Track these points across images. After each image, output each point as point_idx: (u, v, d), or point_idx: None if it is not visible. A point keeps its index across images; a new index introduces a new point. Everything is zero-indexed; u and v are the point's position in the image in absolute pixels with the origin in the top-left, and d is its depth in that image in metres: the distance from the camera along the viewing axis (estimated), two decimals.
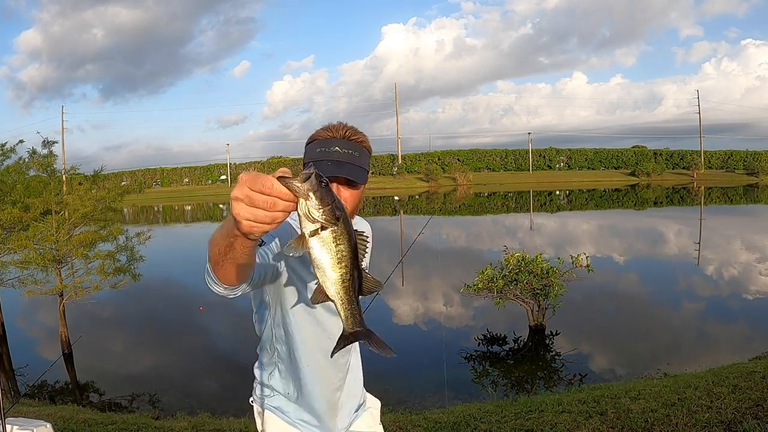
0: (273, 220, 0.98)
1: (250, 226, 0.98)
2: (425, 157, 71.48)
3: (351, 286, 1.13)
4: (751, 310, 9.85)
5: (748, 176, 63.94)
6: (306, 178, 0.99)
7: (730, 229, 21.67)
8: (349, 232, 1.08)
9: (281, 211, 0.97)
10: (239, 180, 0.97)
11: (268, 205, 0.95)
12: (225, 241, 1.10)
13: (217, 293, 1.32)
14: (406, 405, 5.85)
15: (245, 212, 0.96)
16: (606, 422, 4.09)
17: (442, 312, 10.55)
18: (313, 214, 1.01)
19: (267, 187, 0.94)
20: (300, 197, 0.99)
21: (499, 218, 29.72)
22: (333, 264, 1.08)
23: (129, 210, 40.29)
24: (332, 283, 1.12)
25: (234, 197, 0.97)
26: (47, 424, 2.78)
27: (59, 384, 7.66)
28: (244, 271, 1.22)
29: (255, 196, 0.95)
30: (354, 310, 1.18)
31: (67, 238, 8.55)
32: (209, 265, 1.21)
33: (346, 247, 1.07)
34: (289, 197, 0.97)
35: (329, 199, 1.02)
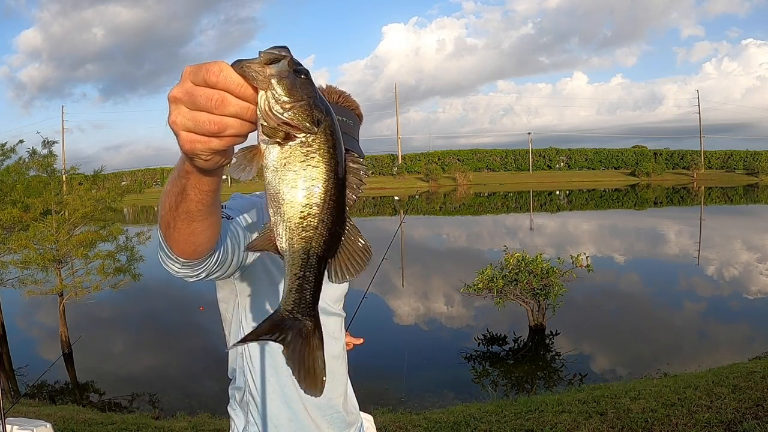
0: (221, 131, 0.65)
1: (190, 141, 0.66)
2: (425, 157, 71.48)
3: (318, 239, 0.72)
4: (751, 310, 9.85)
5: (748, 176, 63.90)
6: (271, 61, 0.64)
7: (730, 229, 21.67)
8: (333, 148, 0.70)
9: (233, 115, 0.65)
10: (182, 74, 0.66)
11: (213, 102, 0.63)
12: (176, 185, 0.80)
13: (175, 273, 1.01)
14: (406, 405, 5.85)
15: (183, 117, 0.65)
16: (606, 422, 4.09)
17: (442, 312, 10.55)
18: (275, 112, 0.65)
19: (213, 73, 0.63)
20: (259, 88, 0.65)
21: (499, 218, 29.72)
22: (296, 197, 0.69)
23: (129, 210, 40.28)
24: (287, 228, 0.71)
25: (171, 98, 0.66)
26: (47, 424, 2.78)
27: (59, 384, 7.66)
28: (205, 236, 0.91)
29: (197, 91, 0.64)
30: (306, 282, 0.74)
31: (67, 238, 8.55)
32: (160, 233, 0.92)
33: (323, 170, 0.69)
34: (243, 90, 0.64)
35: (306, 93, 0.66)
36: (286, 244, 0.72)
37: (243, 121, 0.66)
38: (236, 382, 1.43)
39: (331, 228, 0.72)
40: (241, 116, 0.65)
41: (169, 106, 0.67)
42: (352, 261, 0.76)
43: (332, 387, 1.47)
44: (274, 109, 0.65)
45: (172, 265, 0.98)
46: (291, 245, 0.72)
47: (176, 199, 0.81)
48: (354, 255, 0.76)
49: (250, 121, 0.66)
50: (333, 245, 0.74)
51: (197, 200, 0.81)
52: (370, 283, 3.02)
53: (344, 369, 1.56)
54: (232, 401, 1.47)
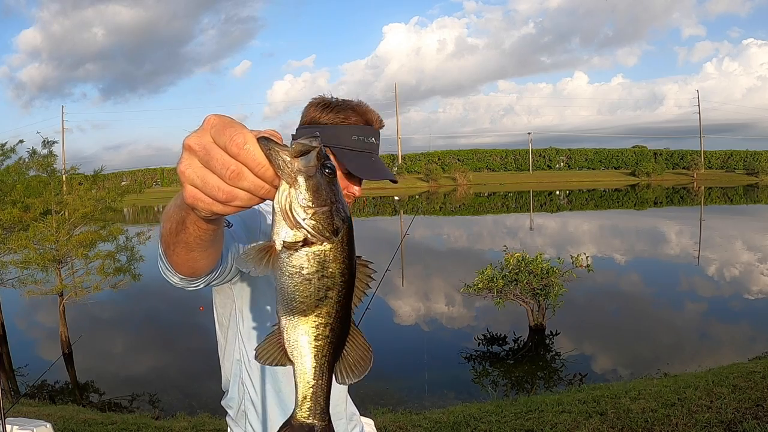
0: (228, 200, 0.63)
1: (193, 195, 0.64)
2: (425, 157, 71.51)
3: (327, 348, 0.72)
4: (751, 310, 9.85)
5: (748, 176, 63.94)
6: (301, 152, 0.62)
7: (730, 229, 21.67)
8: (347, 259, 0.68)
9: (245, 189, 0.62)
10: (203, 123, 0.63)
11: (228, 173, 0.60)
12: (177, 215, 0.78)
13: (173, 284, 1.01)
14: (406, 405, 5.85)
15: (193, 172, 0.62)
16: (606, 422, 4.09)
17: (442, 312, 10.55)
18: (296, 214, 0.63)
19: (236, 144, 0.60)
20: (283, 179, 0.62)
21: (499, 218, 29.72)
22: (309, 305, 0.68)
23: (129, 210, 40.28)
24: (299, 336, 0.71)
25: (186, 146, 0.63)
26: (47, 424, 2.78)
27: (59, 384, 7.66)
28: (204, 263, 0.90)
29: (214, 153, 0.61)
30: (320, 389, 0.74)
31: (67, 238, 8.55)
32: (161, 248, 0.89)
33: (338, 280, 0.68)
34: (263, 172, 0.61)
35: (330, 197, 0.64)
36: (297, 353, 0.72)
37: (253, 196, 0.63)
38: (230, 393, 1.40)
39: (341, 335, 0.73)
40: (253, 193, 0.63)
41: (183, 152, 0.64)
42: (357, 366, 0.77)
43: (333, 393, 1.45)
44: (295, 211, 0.63)
45: (171, 278, 0.97)
46: (303, 355, 0.71)
47: (176, 227, 0.79)
48: (359, 360, 0.76)
49: (261, 198, 0.64)
50: (341, 351, 0.75)
51: (196, 236, 0.79)
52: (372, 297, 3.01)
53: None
54: (228, 414, 1.45)
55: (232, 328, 1.35)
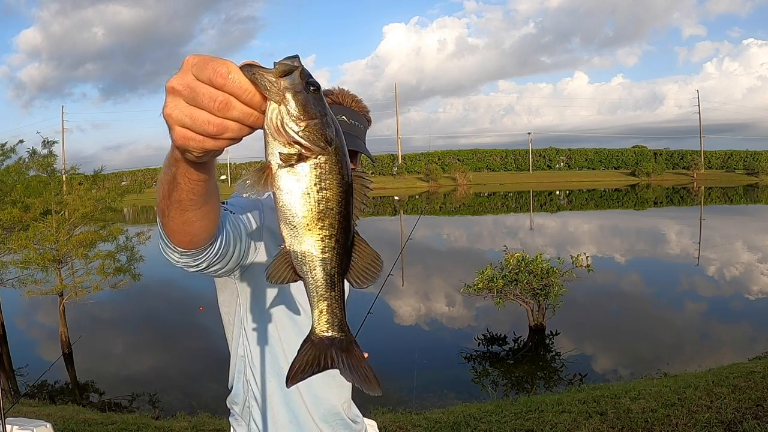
0: (219, 133, 0.62)
1: (184, 137, 0.63)
2: (425, 157, 71.51)
3: (335, 259, 0.73)
4: (751, 310, 9.85)
5: (748, 176, 63.94)
6: (285, 72, 0.63)
7: (730, 229, 21.67)
8: (343, 169, 0.70)
9: (236, 120, 0.62)
10: (182, 65, 0.63)
11: (216, 104, 0.61)
12: (167, 174, 0.78)
13: (174, 263, 0.98)
14: (406, 405, 5.85)
15: (180, 113, 0.62)
16: (606, 422, 4.09)
17: (442, 312, 10.55)
18: (288, 130, 0.64)
19: (220, 75, 0.60)
20: (270, 100, 0.63)
21: (499, 218, 29.72)
22: (311, 219, 0.69)
23: (129, 210, 40.28)
24: (306, 252, 0.72)
25: (169, 88, 0.63)
26: (47, 424, 2.78)
27: (59, 384, 7.66)
28: (200, 226, 0.89)
29: (200, 89, 0.61)
30: (334, 300, 0.76)
31: (67, 238, 8.55)
32: (158, 221, 0.90)
33: (335, 192, 0.69)
34: (251, 98, 0.62)
35: (319, 110, 0.66)
36: (307, 268, 0.73)
37: (243, 126, 0.64)
38: (235, 389, 1.41)
39: (346, 246, 0.74)
40: (243, 122, 0.63)
41: (166, 96, 0.63)
42: (366, 273, 0.79)
43: (337, 393, 1.45)
44: (287, 126, 0.64)
45: (171, 255, 0.96)
46: (312, 269, 0.73)
47: (168, 187, 0.79)
48: (368, 266, 0.78)
49: (251, 127, 0.64)
50: (348, 260, 0.76)
51: (188, 189, 0.78)
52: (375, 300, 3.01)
53: None
54: (232, 413, 1.45)
55: (236, 324, 1.36)
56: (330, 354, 0.80)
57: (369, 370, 0.82)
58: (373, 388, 0.83)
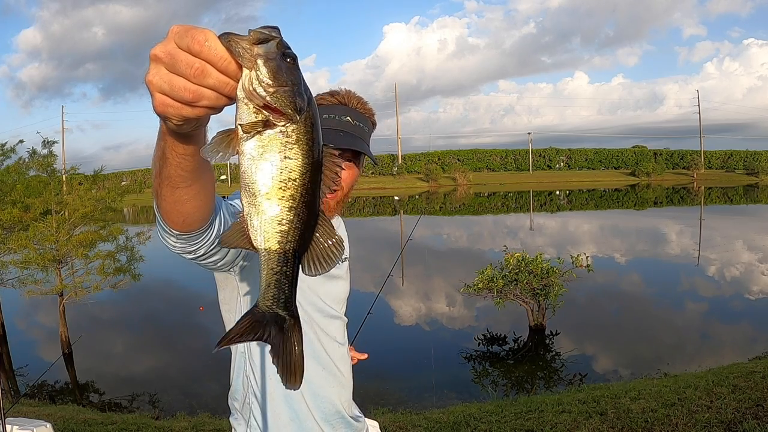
0: (195, 100, 0.63)
1: (163, 103, 0.65)
2: (425, 157, 71.50)
3: (291, 233, 0.70)
4: (751, 310, 9.85)
5: (748, 176, 63.93)
6: (260, 40, 0.63)
7: (730, 229, 21.67)
8: (312, 142, 0.68)
9: (211, 87, 0.63)
10: (168, 32, 0.64)
11: (192, 71, 0.62)
12: (157, 152, 0.79)
13: (171, 248, 0.99)
14: (406, 405, 5.85)
15: (160, 79, 0.63)
16: (606, 422, 4.09)
17: (442, 312, 10.55)
18: (258, 93, 0.63)
19: (197, 41, 0.61)
20: (244, 66, 0.63)
21: (500, 218, 29.72)
22: (271, 187, 0.67)
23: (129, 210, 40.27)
24: (262, 221, 0.70)
25: (152, 56, 0.64)
26: (47, 424, 2.78)
27: (59, 384, 7.66)
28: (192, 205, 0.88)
29: (179, 55, 0.62)
30: (284, 276, 0.73)
31: (67, 238, 8.55)
32: (155, 204, 0.90)
33: (301, 163, 0.67)
34: (226, 65, 0.62)
35: (291, 78, 0.65)
36: (261, 238, 0.71)
37: (220, 95, 0.64)
38: (235, 385, 1.41)
39: (307, 221, 0.71)
40: (218, 90, 0.64)
41: (149, 63, 0.64)
42: (325, 256, 0.75)
43: (338, 393, 1.44)
44: (257, 90, 0.63)
45: (168, 239, 0.96)
46: (267, 239, 0.70)
47: (159, 163, 0.80)
48: (327, 250, 0.75)
49: (228, 96, 0.65)
50: (308, 239, 0.73)
51: (176, 164, 0.78)
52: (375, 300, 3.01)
53: (350, 375, 1.52)
54: (232, 411, 1.45)
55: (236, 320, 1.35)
56: (267, 329, 0.75)
57: (298, 359, 0.77)
58: (290, 379, 0.77)
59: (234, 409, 1.45)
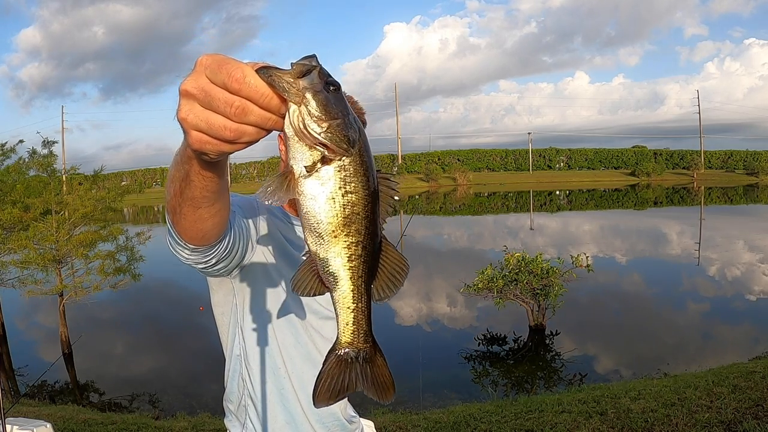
0: (236, 138, 0.61)
1: (200, 141, 0.62)
2: (425, 157, 71.50)
3: (362, 267, 0.69)
4: (751, 310, 9.85)
5: (748, 176, 63.92)
6: (303, 73, 0.61)
7: (730, 229, 21.67)
8: (368, 171, 0.66)
9: (253, 124, 0.61)
10: (195, 66, 0.61)
11: (232, 110, 0.59)
12: (180, 172, 0.76)
13: (183, 260, 0.98)
14: (406, 405, 5.85)
15: (195, 117, 0.61)
16: (606, 422, 4.09)
17: (443, 312, 10.55)
18: (311, 131, 0.61)
19: (235, 79, 0.58)
20: (291, 101, 0.60)
21: (500, 218, 29.72)
22: (337, 225, 0.66)
23: (129, 210, 40.27)
24: (332, 260, 0.68)
25: (183, 92, 0.61)
26: (47, 424, 2.78)
27: (59, 384, 7.66)
28: (212, 223, 0.87)
29: (215, 93, 0.59)
30: (360, 312, 0.73)
31: (67, 238, 8.55)
32: (168, 218, 0.89)
33: (362, 195, 0.66)
34: (268, 101, 0.60)
35: (340, 110, 0.63)
36: (333, 277, 0.70)
37: (261, 130, 0.62)
38: (230, 388, 1.41)
39: (374, 252, 0.70)
40: (260, 126, 0.61)
41: (180, 99, 0.62)
42: (393, 279, 0.74)
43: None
44: (309, 128, 0.61)
45: (182, 252, 0.95)
46: (338, 278, 0.69)
47: (180, 185, 0.78)
48: (394, 273, 0.74)
49: (269, 130, 0.63)
50: (376, 267, 0.72)
51: (202, 186, 0.77)
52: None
53: None
54: (227, 413, 1.45)
55: (232, 324, 1.35)
56: (354, 368, 0.78)
57: (388, 380, 0.80)
58: (386, 398, 0.80)
59: (229, 411, 1.44)
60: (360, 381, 0.79)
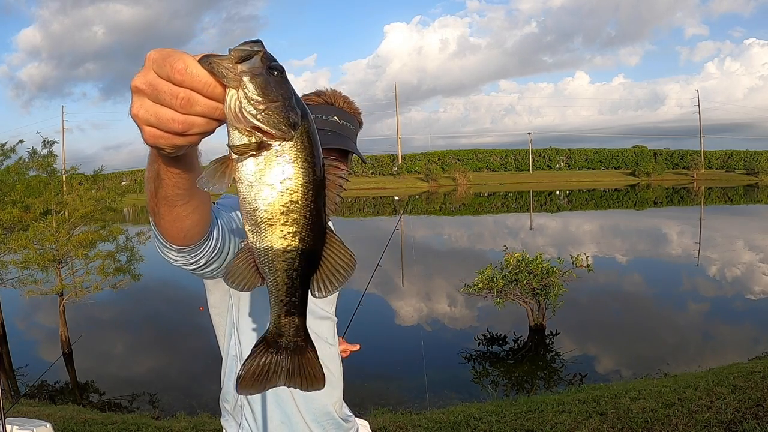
0: (186, 129, 0.61)
1: (153, 135, 0.63)
2: (425, 157, 71.50)
3: (299, 259, 0.67)
4: (751, 310, 9.85)
5: (748, 176, 63.93)
6: (243, 58, 0.59)
7: (730, 229, 21.67)
8: (311, 157, 0.64)
9: (200, 114, 0.61)
10: (145, 60, 0.62)
11: (178, 101, 0.59)
12: (150, 173, 0.77)
13: (173, 262, 0.97)
14: (406, 405, 5.85)
15: (146, 112, 0.61)
16: (606, 422, 4.09)
17: (443, 312, 10.55)
18: (246, 114, 0.59)
19: (177, 71, 0.58)
20: (229, 86, 0.59)
21: (500, 218, 29.71)
22: (274, 214, 0.63)
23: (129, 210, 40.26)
24: (267, 249, 0.66)
25: (133, 87, 0.62)
26: (47, 424, 2.78)
27: (59, 384, 7.66)
28: (191, 221, 0.87)
29: (161, 86, 0.59)
30: (294, 305, 0.71)
31: (67, 238, 8.55)
32: (151, 221, 0.89)
33: (302, 182, 0.63)
34: (212, 90, 0.59)
35: (282, 93, 0.61)
36: (268, 268, 0.67)
37: (210, 119, 0.62)
38: (226, 387, 1.41)
39: (314, 244, 0.67)
40: (208, 116, 0.61)
41: (132, 96, 0.63)
42: (335, 274, 0.71)
43: (328, 393, 1.44)
44: (245, 111, 0.59)
45: (169, 254, 0.95)
46: (274, 268, 0.67)
47: (154, 184, 0.78)
48: (337, 268, 0.71)
49: (219, 119, 0.62)
50: (316, 261, 0.69)
51: (173, 184, 0.76)
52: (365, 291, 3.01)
53: (340, 375, 1.52)
54: (224, 413, 1.45)
55: (228, 325, 1.36)
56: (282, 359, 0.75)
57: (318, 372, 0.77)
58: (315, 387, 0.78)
59: (225, 410, 1.45)
60: (286, 373, 0.76)
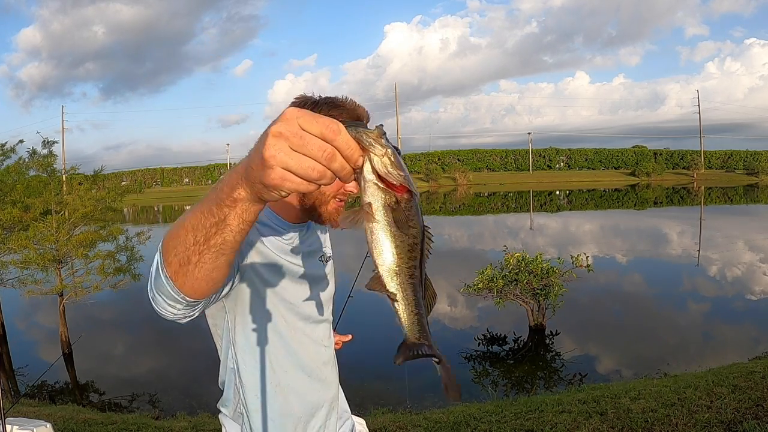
0: (319, 179, 0.69)
1: (282, 178, 0.69)
2: (425, 157, 71.54)
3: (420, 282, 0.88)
4: (751, 310, 9.85)
5: (748, 176, 63.99)
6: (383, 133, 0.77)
7: (730, 229, 21.67)
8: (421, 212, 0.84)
9: (333, 170, 0.70)
10: (285, 115, 0.69)
11: (324, 155, 0.68)
12: (212, 215, 0.78)
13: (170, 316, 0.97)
14: (406, 405, 5.85)
15: (285, 156, 0.68)
16: (606, 422, 4.09)
17: (443, 312, 10.54)
18: (394, 174, 0.76)
19: (332, 131, 0.68)
20: (374, 153, 0.75)
21: (500, 218, 29.72)
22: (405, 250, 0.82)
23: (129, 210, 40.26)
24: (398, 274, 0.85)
25: (275, 133, 0.68)
26: (47, 424, 2.78)
27: (59, 384, 7.66)
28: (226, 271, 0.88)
29: (309, 139, 0.67)
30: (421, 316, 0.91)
31: (67, 238, 8.55)
32: (166, 272, 0.86)
33: (419, 229, 0.84)
34: (352, 153, 0.71)
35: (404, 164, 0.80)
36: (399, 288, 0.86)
37: (335, 176, 0.71)
38: (226, 394, 1.41)
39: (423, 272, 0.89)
40: (338, 172, 0.71)
41: (269, 139, 0.68)
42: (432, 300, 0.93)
43: (325, 395, 1.47)
44: (392, 173, 0.76)
45: (172, 307, 0.92)
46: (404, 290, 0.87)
47: (209, 231, 0.79)
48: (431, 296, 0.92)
49: (341, 177, 0.72)
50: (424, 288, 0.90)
51: (238, 230, 0.79)
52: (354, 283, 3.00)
53: (335, 375, 1.54)
54: (223, 410, 1.45)
55: (225, 338, 1.35)
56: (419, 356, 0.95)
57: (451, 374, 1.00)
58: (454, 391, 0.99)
59: (223, 411, 1.45)
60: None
